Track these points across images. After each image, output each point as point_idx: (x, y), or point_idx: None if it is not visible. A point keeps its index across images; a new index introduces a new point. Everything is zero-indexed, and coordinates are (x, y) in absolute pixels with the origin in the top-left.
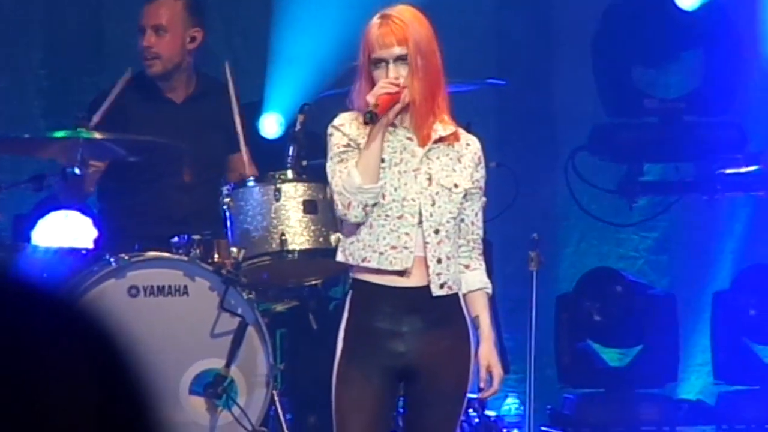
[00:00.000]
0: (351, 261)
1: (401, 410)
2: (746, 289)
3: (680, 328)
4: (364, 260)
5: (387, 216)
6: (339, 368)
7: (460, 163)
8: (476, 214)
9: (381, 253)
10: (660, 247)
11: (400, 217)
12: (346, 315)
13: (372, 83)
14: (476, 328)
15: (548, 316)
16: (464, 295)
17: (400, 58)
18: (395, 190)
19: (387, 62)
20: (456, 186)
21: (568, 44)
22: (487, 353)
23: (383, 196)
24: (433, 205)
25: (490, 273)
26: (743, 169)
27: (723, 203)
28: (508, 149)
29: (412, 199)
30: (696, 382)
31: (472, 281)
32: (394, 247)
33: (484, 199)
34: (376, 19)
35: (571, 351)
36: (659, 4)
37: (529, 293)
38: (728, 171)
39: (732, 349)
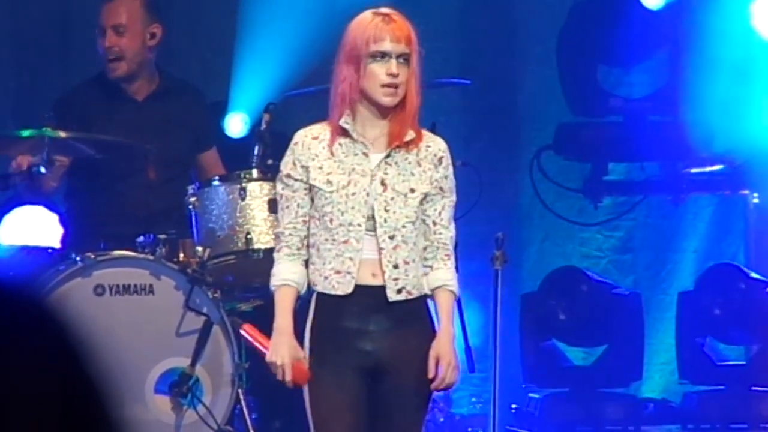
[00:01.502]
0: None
1: None
2: (711, 288)
3: (644, 328)
4: (314, 284)
5: (333, 240)
6: (310, 370)
7: (420, 167)
8: (439, 214)
9: (325, 278)
10: (624, 247)
11: (345, 242)
12: (311, 315)
13: (364, 74)
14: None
15: (513, 315)
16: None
17: (403, 57)
18: (342, 214)
19: (390, 56)
20: (412, 191)
21: (533, 43)
22: (436, 345)
23: (330, 221)
24: (387, 210)
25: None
26: (708, 169)
27: (687, 203)
28: (473, 148)
29: (358, 225)
30: (659, 381)
31: (434, 279)
32: (338, 272)
33: (451, 198)
34: (373, 15)
35: (535, 350)
36: (624, 3)
37: (493, 292)
38: (693, 170)
39: (697, 349)
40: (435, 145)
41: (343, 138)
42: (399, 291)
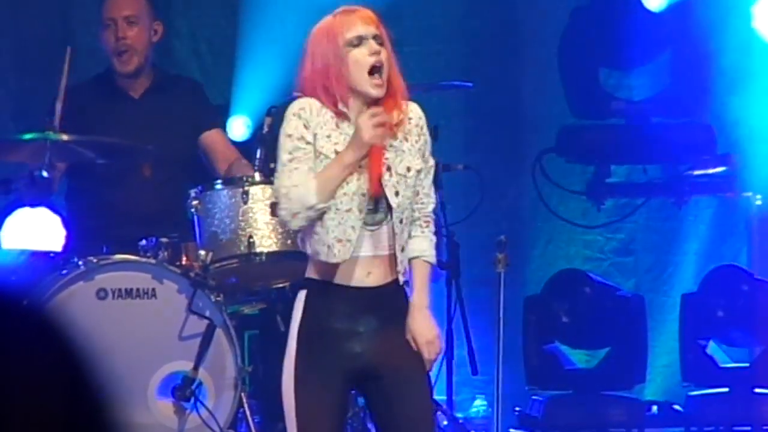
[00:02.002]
0: (308, 251)
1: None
2: (714, 290)
3: (647, 330)
4: (316, 253)
5: (337, 209)
6: (296, 371)
7: (408, 141)
8: (422, 184)
9: (329, 246)
10: (626, 249)
11: (348, 211)
12: (300, 315)
13: (347, 65)
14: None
15: (516, 317)
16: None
17: (377, 39)
18: (347, 184)
19: (366, 38)
20: (409, 169)
21: (535, 46)
22: (411, 325)
23: None
24: (397, 195)
25: (457, 275)
26: (711, 171)
27: (689, 204)
28: (475, 151)
29: (362, 194)
30: (662, 384)
31: (410, 249)
32: (339, 240)
33: (431, 163)
34: (338, 12)
35: (539, 353)
36: (626, 5)
37: (496, 295)
38: (696, 172)
39: (700, 351)
40: (414, 113)
41: (342, 120)
42: (403, 273)
